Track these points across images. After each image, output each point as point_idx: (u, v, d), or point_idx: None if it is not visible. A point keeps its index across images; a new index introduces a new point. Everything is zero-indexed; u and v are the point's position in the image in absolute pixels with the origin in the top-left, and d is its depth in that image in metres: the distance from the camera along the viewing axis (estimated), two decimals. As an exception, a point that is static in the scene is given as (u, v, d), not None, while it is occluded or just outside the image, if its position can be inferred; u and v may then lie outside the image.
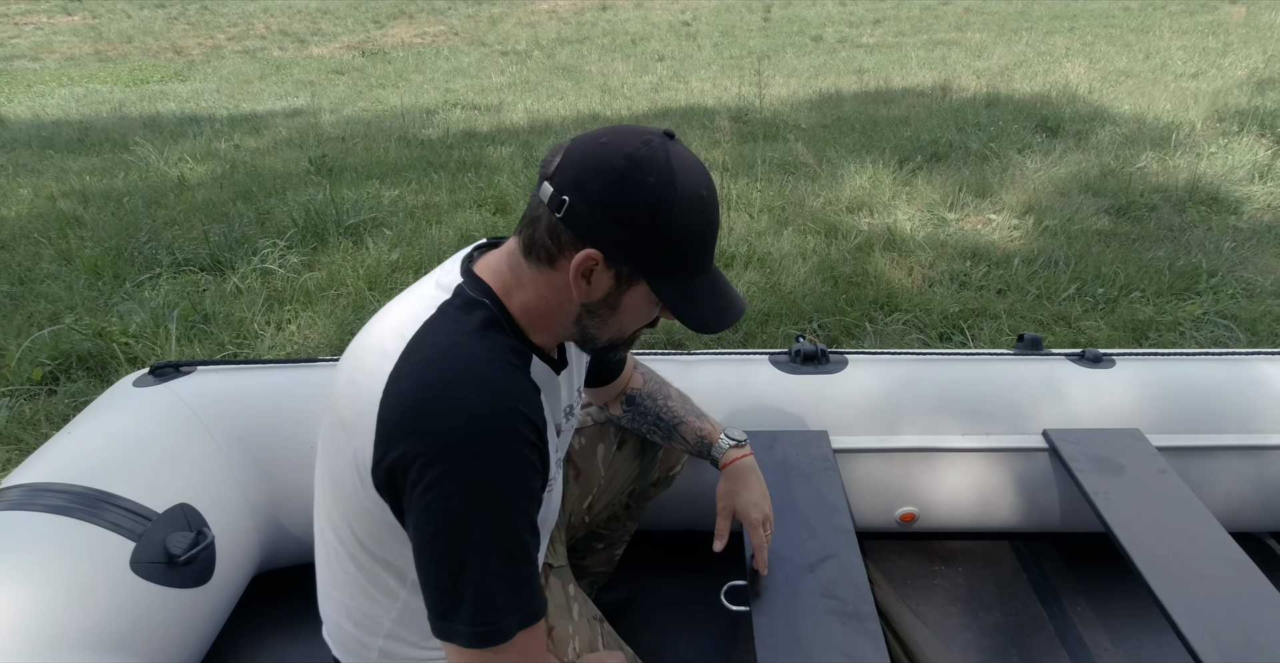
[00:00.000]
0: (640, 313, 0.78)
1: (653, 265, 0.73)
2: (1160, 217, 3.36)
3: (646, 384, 1.16)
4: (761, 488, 1.12)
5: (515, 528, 0.72)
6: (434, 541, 0.71)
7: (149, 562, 1.11)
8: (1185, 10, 10.02)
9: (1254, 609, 1.05)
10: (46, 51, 11.34)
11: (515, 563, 0.72)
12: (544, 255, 0.74)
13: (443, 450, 0.69)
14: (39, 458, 1.22)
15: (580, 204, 0.70)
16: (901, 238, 3.17)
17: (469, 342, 0.73)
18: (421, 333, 0.74)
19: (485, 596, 0.71)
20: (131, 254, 3.26)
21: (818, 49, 9.06)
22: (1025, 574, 1.54)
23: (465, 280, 0.78)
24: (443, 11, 13.23)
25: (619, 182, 0.69)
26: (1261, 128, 4.46)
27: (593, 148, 0.70)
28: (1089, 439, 1.38)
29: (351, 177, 4.45)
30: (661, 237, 0.71)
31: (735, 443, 1.13)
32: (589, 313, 0.77)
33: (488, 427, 0.69)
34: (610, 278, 0.74)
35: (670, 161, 0.70)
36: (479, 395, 0.70)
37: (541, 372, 0.81)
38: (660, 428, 1.15)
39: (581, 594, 1.10)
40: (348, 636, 0.91)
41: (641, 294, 0.75)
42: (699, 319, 0.76)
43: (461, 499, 0.69)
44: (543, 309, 0.77)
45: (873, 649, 0.97)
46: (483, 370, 0.72)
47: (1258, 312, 2.51)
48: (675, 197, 0.70)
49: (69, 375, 2.35)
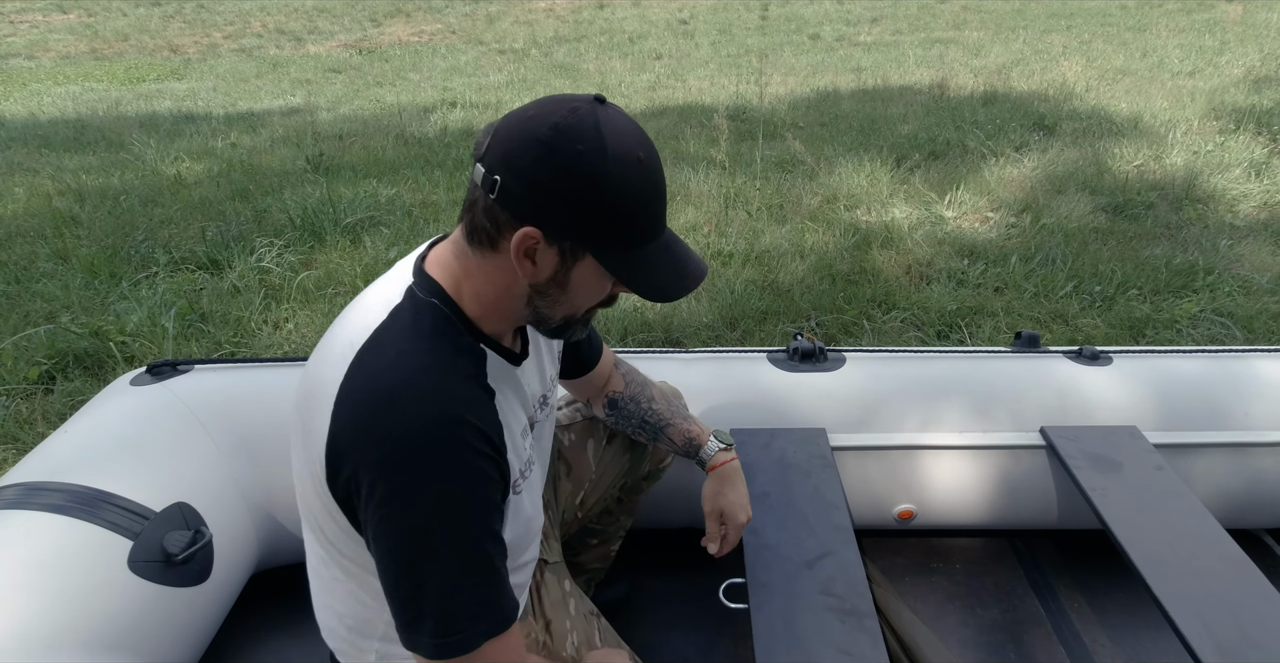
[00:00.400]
0: (592, 288, 0.75)
1: (595, 237, 0.70)
2: (1157, 214, 3.37)
3: (629, 387, 1.14)
4: (745, 491, 1.12)
5: (471, 540, 0.71)
6: (391, 555, 0.71)
7: (146, 561, 1.10)
8: (1182, 8, 10.03)
9: (1250, 606, 1.05)
10: (42, 50, 11.30)
11: (475, 573, 0.72)
12: (485, 239, 0.72)
13: (390, 467, 0.68)
14: (36, 457, 1.22)
15: (511, 181, 0.67)
16: (899, 236, 3.18)
17: (416, 352, 0.72)
18: (370, 343, 0.73)
19: (446, 608, 0.71)
20: (128, 253, 3.26)
21: (815, 47, 9.06)
22: (1023, 571, 1.54)
23: (416, 280, 0.77)
24: (440, 10, 13.21)
25: (546, 153, 0.66)
26: (1258, 126, 4.47)
27: (519, 122, 0.68)
28: (1086, 436, 1.38)
29: (349, 175, 4.44)
30: (598, 206, 0.68)
31: (724, 446, 1.13)
32: (539, 294, 0.74)
33: (436, 441, 0.68)
34: (555, 255, 0.71)
35: (599, 127, 0.67)
36: (426, 409, 0.69)
37: (499, 369, 0.80)
38: (646, 430, 1.14)
39: (578, 590, 1.10)
40: (344, 640, 0.91)
41: (590, 269, 0.72)
42: (652, 288, 0.73)
43: (414, 515, 0.69)
44: (493, 295, 0.75)
45: (871, 647, 0.98)
46: (429, 382, 0.70)
47: (1254, 309, 2.52)
48: (607, 163, 0.67)
49: (65, 374, 2.34)
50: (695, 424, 1.15)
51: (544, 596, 1.05)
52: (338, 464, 0.71)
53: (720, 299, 2.68)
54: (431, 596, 0.70)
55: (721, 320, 2.55)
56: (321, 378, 0.74)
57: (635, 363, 1.43)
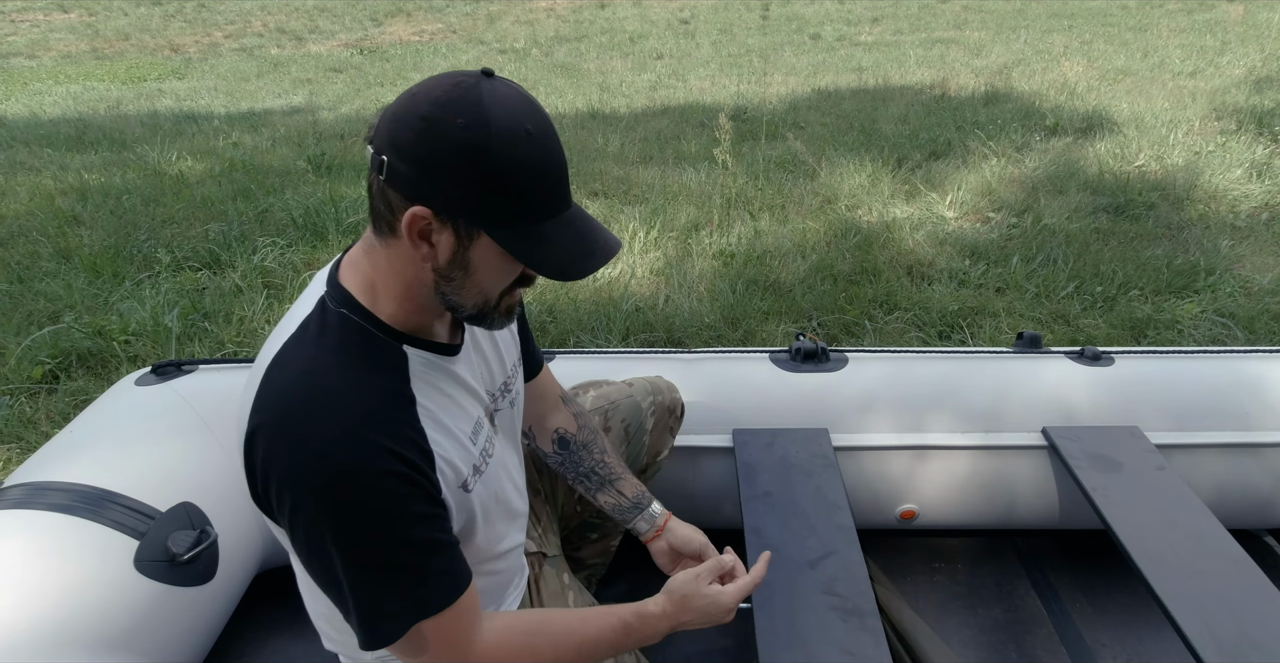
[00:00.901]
0: (496, 270, 0.72)
1: (486, 214, 0.68)
2: (1158, 215, 3.37)
3: (581, 431, 1.11)
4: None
5: (382, 555, 0.72)
6: (311, 565, 0.74)
7: (152, 560, 1.11)
8: (1183, 8, 10.03)
9: (1252, 606, 1.06)
10: (43, 49, 11.30)
11: (390, 576, 0.73)
12: (384, 225, 0.71)
13: (298, 486, 0.69)
14: (42, 457, 1.22)
15: (396, 160, 0.66)
16: (900, 236, 3.18)
17: (321, 370, 0.71)
18: (278, 359, 0.73)
19: (366, 607, 0.73)
20: (131, 252, 3.26)
21: (816, 47, 9.06)
22: (1024, 571, 1.55)
23: (329, 290, 0.76)
24: (440, 9, 13.21)
25: (425, 128, 0.65)
26: (1259, 126, 4.47)
27: (405, 101, 0.67)
28: (1088, 437, 1.38)
29: (351, 174, 4.44)
30: (483, 181, 0.66)
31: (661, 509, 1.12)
32: (443, 278, 0.72)
33: (339, 461, 0.68)
34: (450, 235, 0.69)
35: (483, 100, 0.65)
36: (328, 428, 0.69)
37: (426, 368, 0.78)
38: (591, 480, 1.11)
39: (577, 583, 1.11)
40: (337, 643, 0.92)
41: (488, 248, 0.70)
42: (552, 266, 0.70)
43: (323, 531, 0.70)
44: (401, 287, 0.74)
45: (873, 646, 0.98)
46: (333, 402, 0.70)
47: (1255, 310, 2.52)
48: (490, 137, 0.65)
49: (69, 374, 2.34)
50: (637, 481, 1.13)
51: (543, 588, 1.05)
52: (254, 479, 0.72)
53: (722, 299, 2.68)
54: (350, 601, 0.73)
55: (723, 320, 2.56)
56: (243, 390, 0.75)
57: (637, 364, 1.44)
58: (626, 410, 1.23)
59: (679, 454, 1.39)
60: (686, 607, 0.89)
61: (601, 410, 1.22)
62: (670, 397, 1.28)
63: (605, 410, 1.22)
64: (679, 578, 0.91)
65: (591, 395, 1.24)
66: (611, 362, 1.45)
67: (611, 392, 1.25)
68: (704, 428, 1.40)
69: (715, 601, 0.89)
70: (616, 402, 1.23)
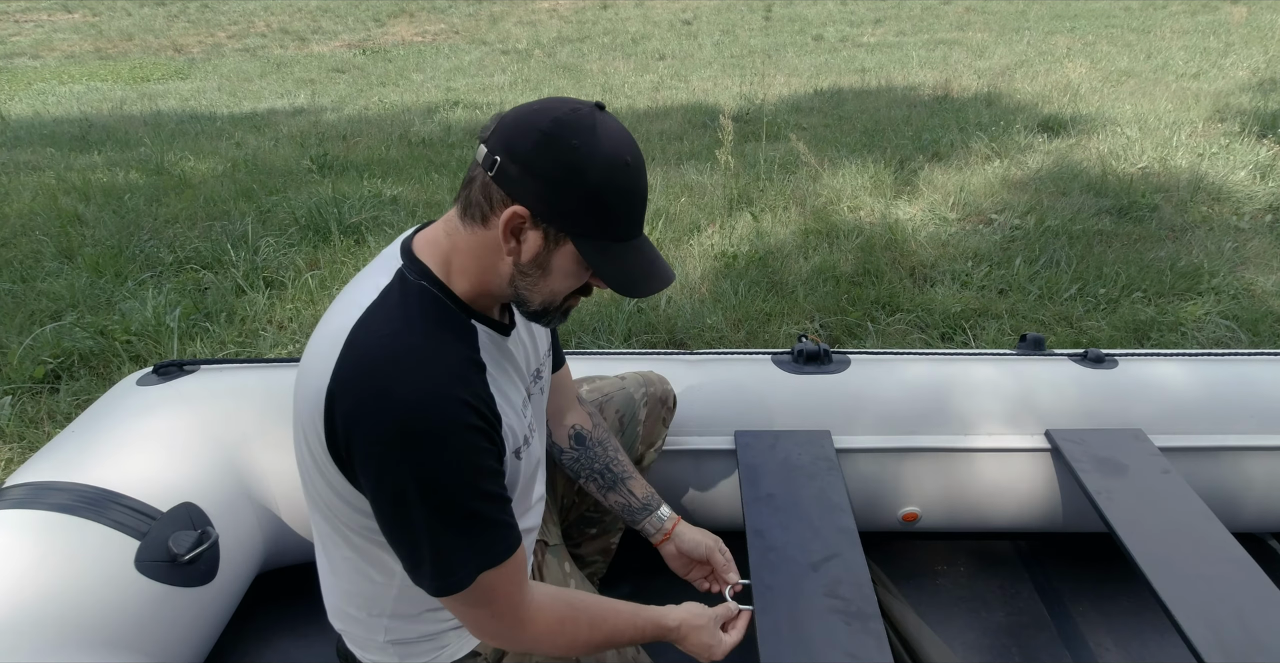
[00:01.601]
0: (570, 275, 0.80)
1: (578, 224, 0.76)
2: (1162, 217, 3.36)
3: (596, 428, 1.16)
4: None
5: (461, 503, 0.77)
6: (390, 520, 0.78)
7: (153, 560, 1.11)
8: (1186, 10, 10.02)
9: (1256, 610, 1.05)
10: (47, 49, 11.33)
11: (466, 527, 0.78)
12: (478, 214, 0.78)
13: (385, 440, 0.73)
14: (43, 456, 1.22)
15: (509, 163, 0.74)
16: (903, 237, 3.17)
17: (406, 332, 0.77)
18: (361, 323, 0.77)
19: (440, 557, 0.78)
20: (133, 252, 3.26)
21: (819, 48, 9.05)
22: (1027, 574, 1.54)
23: (405, 262, 0.82)
24: (443, 10, 13.22)
25: (544, 141, 0.73)
26: (1263, 128, 4.46)
27: (525, 114, 0.75)
28: (1091, 439, 1.38)
29: (353, 175, 4.45)
30: (584, 196, 0.74)
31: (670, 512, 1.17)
32: (522, 273, 0.79)
33: (426, 416, 0.73)
34: (539, 237, 0.77)
35: (595, 128, 0.74)
36: (416, 385, 0.74)
37: (490, 342, 0.85)
38: (605, 478, 1.14)
39: (578, 572, 1.13)
40: (354, 621, 0.94)
41: (570, 256, 0.78)
42: (622, 281, 0.79)
43: (408, 484, 0.74)
44: (479, 271, 0.80)
45: (876, 649, 0.98)
46: (419, 359, 0.75)
47: (1259, 312, 2.51)
48: (597, 158, 0.73)
49: (71, 373, 2.35)
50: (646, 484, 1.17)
51: (546, 576, 1.07)
52: (335, 444, 0.77)
53: (724, 300, 2.68)
54: (426, 549, 0.78)
55: (726, 322, 2.56)
56: (313, 364, 0.78)
57: (639, 365, 1.44)
58: (620, 402, 1.25)
59: (681, 456, 1.38)
60: (693, 637, 0.98)
61: (595, 403, 1.24)
62: (662, 388, 1.30)
63: (600, 403, 1.24)
64: (698, 610, 1.00)
65: (585, 389, 1.26)
66: (614, 363, 1.45)
67: (604, 385, 1.27)
68: (706, 430, 1.39)
69: (715, 645, 1.00)
70: (610, 394, 1.26)
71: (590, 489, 1.16)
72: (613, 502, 1.15)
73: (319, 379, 0.76)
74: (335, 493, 0.82)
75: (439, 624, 0.93)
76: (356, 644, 0.96)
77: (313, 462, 0.81)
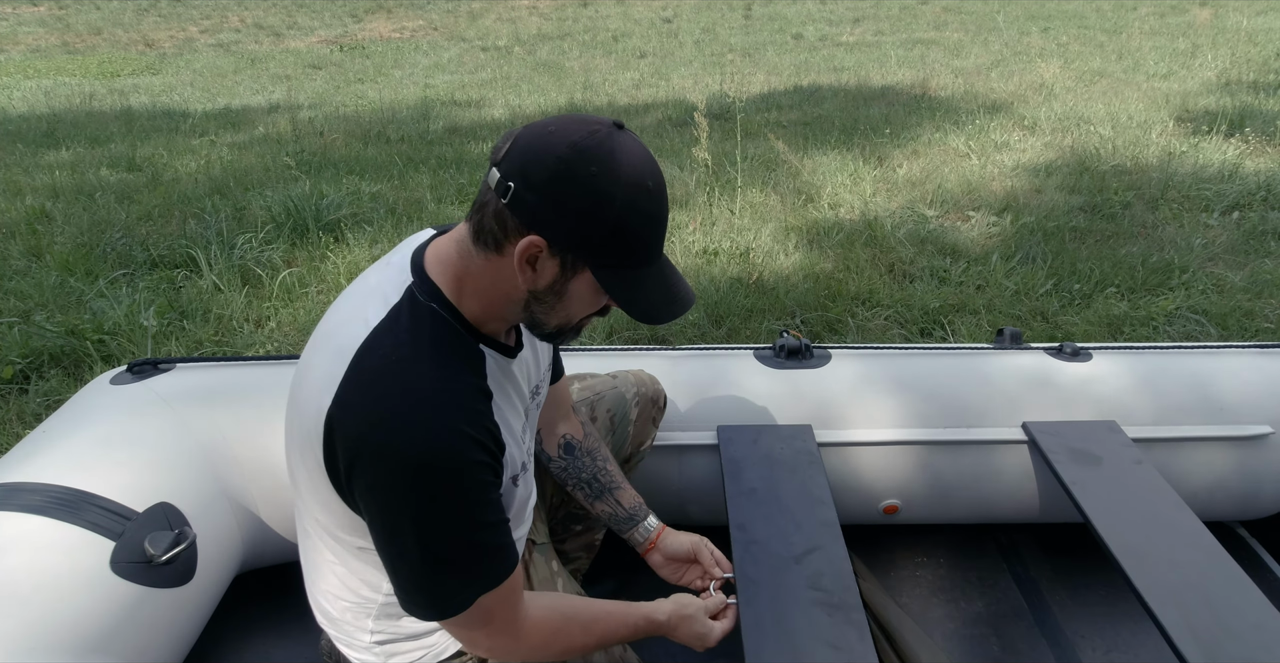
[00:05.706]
0: (586, 301, 0.78)
1: (596, 254, 0.73)
2: (1134, 214, 3.43)
3: (587, 438, 1.15)
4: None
5: (464, 538, 0.76)
6: (387, 548, 0.77)
7: (129, 562, 1.09)
8: (1155, 12, 10.21)
9: (1227, 596, 1.08)
10: (11, 42, 11.06)
11: (464, 557, 0.77)
12: (491, 242, 0.74)
13: (384, 470, 0.72)
14: (14, 457, 1.19)
15: (525, 191, 0.70)
16: (882, 235, 3.20)
17: (414, 359, 0.74)
18: (369, 343, 0.75)
19: (438, 586, 0.77)
20: (104, 250, 3.20)
21: (798, 47, 9.10)
22: (1005, 565, 1.56)
23: (415, 280, 0.79)
24: (421, 6, 13.11)
25: (562, 170, 0.69)
26: (1230, 127, 4.56)
27: (540, 136, 0.71)
28: (1067, 431, 1.40)
29: (331, 172, 4.40)
30: (604, 225, 0.71)
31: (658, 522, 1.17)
32: (536, 300, 0.77)
33: (436, 458, 0.72)
34: (555, 266, 0.74)
35: (615, 152, 0.70)
36: (426, 424, 0.72)
37: (497, 367, 0.83)
38: (592, 488, 1.14)
39: (565, 571, 1.13)
40: (339, 621, 0.93)
41: (587, 283, 0.76)
42: (642, 309, 0.76)
43: (407, 516, 0.73)
44: (491, 296, 0.78)
45: (858, 640, 0.99)
46: (429, 394, 0.73)
47: (1228, 307, 2.57)
48: (618, 186, 0.70)
49: (40, 374, 2.30)
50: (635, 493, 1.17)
51: (533, 575, 1.07)
52: (335, 462, 0.75)
53: (706, 297, 2.69)
54: (425, 579, 0.77)
55: (707, 318, 2.56)
56: (317, 376, 0.76)
57: (622, 362, 1.44)
58: (612, 401, 1.25)
59: (664, 452, 1.39)
60: (684, 627, 0.99)
61: (587, 401, 1.23)
62: (653, 388, 1.30)
63: (591, 401, 1.23)
64: (685, 601, 1.01)
65: (576, 387, 1.25)
66: (597, 359, 1.45)
67: (596, 384, 1.27)
68: (689, 425, 1.40)
69: (706, 634, 1.01)
70: (602, 393, 1.25)
71: (578, 497, 1.16)
72: (599, 511, 1.14)
73: (320, 396, 0.74)
74: (326, 507, 0.80)
75: (426, 624, 0.92)
76: (342, 644, 0.95)
77: (306, 476, 0.80)
